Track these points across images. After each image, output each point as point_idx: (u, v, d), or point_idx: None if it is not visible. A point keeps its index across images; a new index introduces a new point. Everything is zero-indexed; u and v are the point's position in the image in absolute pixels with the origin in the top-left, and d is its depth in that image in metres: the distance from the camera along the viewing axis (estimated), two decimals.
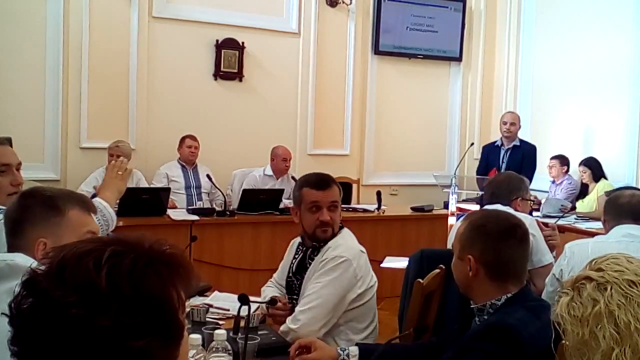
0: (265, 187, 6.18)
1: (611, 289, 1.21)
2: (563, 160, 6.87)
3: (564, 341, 1.28)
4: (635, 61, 6.68)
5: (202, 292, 2.98)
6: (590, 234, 3.76)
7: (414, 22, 7.96)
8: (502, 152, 6.56)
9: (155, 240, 1.07)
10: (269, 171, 6.41)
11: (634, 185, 6.06)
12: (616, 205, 2.86)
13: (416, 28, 7.98)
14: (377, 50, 7.83)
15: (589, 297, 1.22)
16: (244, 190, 5.80)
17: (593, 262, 1.31)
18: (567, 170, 6.87)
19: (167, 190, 5.62)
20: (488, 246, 2.01)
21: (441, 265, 2.67)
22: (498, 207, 3.29)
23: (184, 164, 6.34)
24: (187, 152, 6.32)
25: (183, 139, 6.37)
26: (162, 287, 1.02)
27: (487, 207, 3.40)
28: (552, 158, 6.90)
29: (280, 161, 6.37)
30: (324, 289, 2.52)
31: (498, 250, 2.00)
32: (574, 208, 6.30)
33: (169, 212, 5.44)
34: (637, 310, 1.17)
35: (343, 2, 7.44)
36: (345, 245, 2.64)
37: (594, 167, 6.50)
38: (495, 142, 6.78)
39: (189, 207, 5.84)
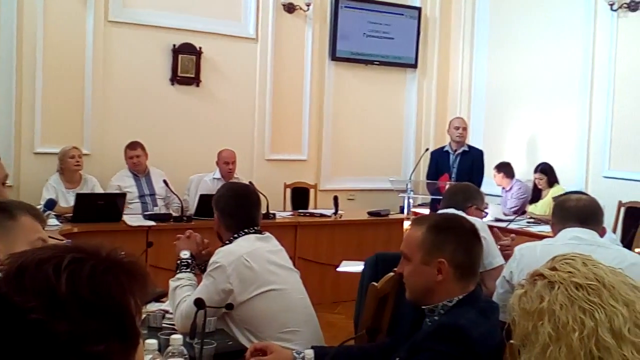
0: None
1: (558, 288, 1.26)
2: (505, 170, 7.02)
3: (512, 341, 1.34)
4: (583, 70, 6.90)
5: (158, 298, 2.99)
6: (540, 237, 3.87)
7: (370, 29, 8.06)
8: (452, 157, 6.63)
9: (113, 249, 1.09)
10: (218, 175, 6.41)
11: (583, 190, 6.24)
12: (563, 209, 2.96)
13: (372, 35, 8.09)
14: (334, 56, 7.90)
15: (538, 293, 1.27)
16: (201, 196, 5.78)
17: (552, 260, 1.35)
18: (513, 176, 7.04)
19: (122, 196, 5.58)
20: (460, 246, 2.04)
21: (395, 269, 2.73)
22: (452, 211, 3.37)
23: (135, 172, 6.21)
24: (130, 163, 6.17)
25: (125, 150, 6.20)
26: (121, 294, 1.05)
27: (441, 211, 3.49)
28: (494, 168, 7.05)
29: (222, 164, 6.36)
30: (197, 292, 2.60)
31: (469, 250, 2.06)
32: (524, 212, 6.47)
33: (125, 218, 5.40)
34: (577, 313, 1.22)
35: (300, 8, 7.49)
36: (226, 251, 2.66)
37: (549, 173, 6.67)
38: (444, 147, 6.85)
39: (145, 213, 5.81)
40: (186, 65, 6.98)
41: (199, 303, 2.31)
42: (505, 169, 7.06)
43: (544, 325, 1.23)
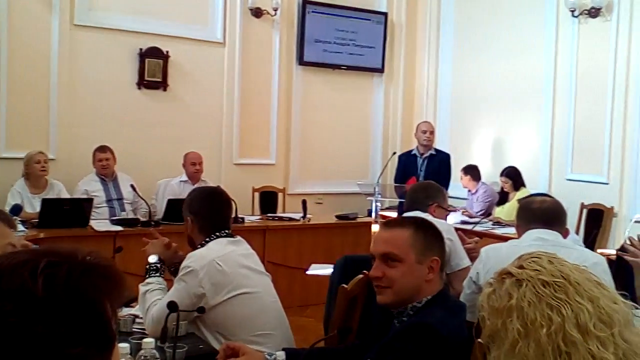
0: None
1: (526, 286, 1.29)
2: (472, 173, 7.13)
3: (479, 340, 1.38)
4: (546, 75, 7.04)
5: (128, 303, 2.98)
6: (506, 239, 3.94)
7: (337, 34, 8.12)
8: (420, 160, 6.71)
9: (88, 252, 1.11)
10: (185, 177, 6.40)
11: (547, 192, 6.36)
12: (527, 211, 3.03)
13: (340, 40, 8.14)
14: (301, 61, 7.94)
15: (506, 291, 1.30)
16: (169, 200, 5.75)
17: (519, 258, 1.38)
18: (479, 179, 7.16)
19: (89, 201, 5.53)
20: (443, 246, 2.16)
21: (364, 271, 2.76)
22: (417, 213, 3.43)
23: (102, 176, 6.16)
24: (99, 166, 6.12)
25: (94, 153, 6.17)
26: (97, 297, 1.06)
27: (407, 213, 3.54)
28: (461, 171, 7.16)
29: (189, 165, 6.37)
30: (168, 296, 2.60)
31: (446, 248, 2.20)
32: (489, 214, 6.57)
33: (92, 223, 5.35)
34: (544, 309, 1.25)
35: (267, 13, 7.51)
36: (198, 255, 2.67)
37: (514, 177, 6.78)
38: (411, 150, 6.93)
39: (112, 218, 5.76)
40: (153, 69, 6.94)
41: (172, 306, 2.31)
42: (472, 171, 7.16)
43: (513, 322, 1.26)
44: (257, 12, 7.48)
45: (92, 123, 6.62)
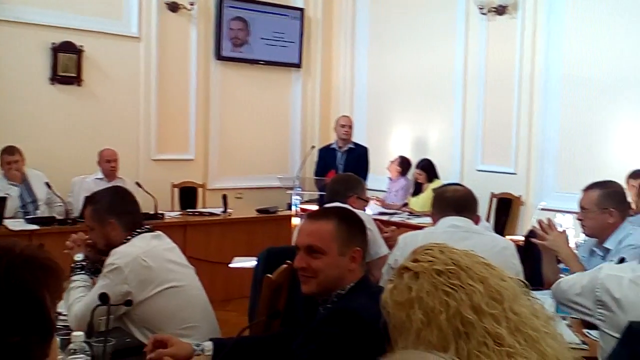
0: None
1: (422, 277, 1.39)
2: (404, 165, 7.35)
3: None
4: (457, 70, 7.31)
5: None
6: (421, 228, 4.12)
7: (255, 29, 8.15)
8: (339, 154, 6.84)
9: (27, 245, 1.14)
10: (100, 175, 6.30)
11: (459, 182, 6.61)
12: (441, 200, 3.19)
13: (257, 35, 8.18)
14: (219, 56, 7.93)
15: (406, 284, 1.40)
16: (86, 197, 5.62)
17: (414, 252, 1.49)
18: (404, 172, 7.38)
19: (2, 200, 5.37)
20: (365, 236, 2.24)
21: (288, 261, 2.83)
22: (337, 204, 3.53)
23: (11, 181, 5.85)
24: (7, 169, 5.83)
25: (1, 155, 5.86)
26: (37, 288, 1.10)
27: (327, 205, 3.64)
28: (399, 157, 7.36)
29: (104, 163, 6.28)
30: (92, 292, 2.61)
31: (367, 237, 2.26)
32: (405, 204, 6.79)
33: (6, 222, 5.21)
34: (441, 296, 1.35)
35: (184, 8, 7.46)
36: (122, 252, 2.67)
37: (428, 170, 7.03)
38: (330, 144, 7.06)
39: (28, 217, 5.60)
40: (66, 64, 6.78)
41: (103, 297, 2.32)
42: (404, 164, 7.31)
43: (415, 312, 1.36)
44: (174, 7, 7.42)
45: (2, 120, 6.40)
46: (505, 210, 6.76)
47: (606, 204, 3.15)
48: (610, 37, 6.07)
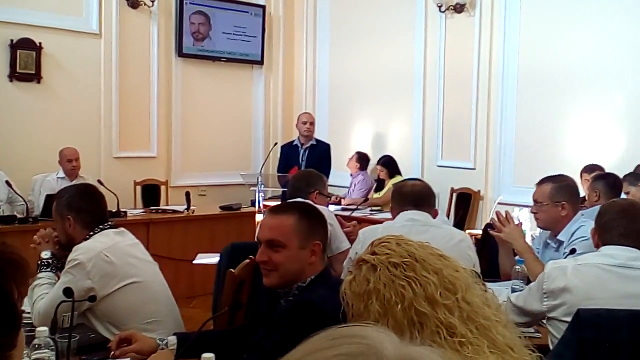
0: None
1: (379, 270, 1.45)
2: (362, 161, 7.44)
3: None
4: (417, 67, 7.43)
5: None
6: (382, 223, 4.20)
7: (216, 26, 8.15)
8: (301, 151, 6.87)
9: None
10: (62, 174, 6.25)
11: (420, 178, 6.73)
12: (400, 194, 3.28)
13: (219, 31, 8.18)
14: (180, 53, 7.91)
15: (364, 276, 1.46)
16: (47, 196, 5.59)
17: (371, 245, 1.55)
18: (366, 167, 7.47)
19: None
20: (326, 229, 2.30)
21: (251, 256, 2.88)
22: (299, 200, 3.59)
23: None
24: None
25: None
26: (4, 281, 1.14)
27: (289, 200, 3.70)
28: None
29: (65, 162, 6.22)
30: (55, 289, 2.63)
31: (328, 231, 2.31)
32: (367, 200, 6.88)
33: None
34: (397, 288, 1.42)
35: (145, 4, 7.42)
36: (84, 247, 2.70)
37: (389, 166, 7.13)
38: (293, 141, 7.09)
39: None
40: (25, 61, 6.70)
41: (68, 291, 2.34)
42: (362, 161, 7.41)
43: (373, 303, 1.42)
44: (134, 3, 7.38)
45: None
46: (465, 204, 6.90)
47: (558, 197, 3.27)
48: (563, 34, 6.24)
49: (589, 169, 5.34)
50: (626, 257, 2.38)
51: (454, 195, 7.01)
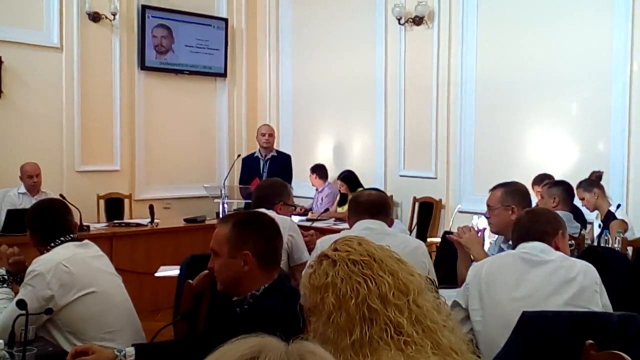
0: (28, 207, 5.95)
1: (339, 265, 1.52)
2: (318, 172, 7.52)
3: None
4: (378, 79, 7.54)
5: None
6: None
7: (179, 39, 8.17)
8: (262, 162, 6.94)
9: None
10: (23, 189, 6.21)
11: (382, 188, 6.82)
12: (356, 204, 3.36)
13: (182, 44, 8.20)
14: (143, 66, 7.91)
15: (324, 270, 1.53)
16: (9, 211, 5.57)
17: (335, 242, 1.62)
18: (326, 178, 7.54)
19: None
20: (261, 239, 2.28)
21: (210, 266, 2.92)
22: (263, 211, 3.64)
23: None
24: None
25: None
26: None
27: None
28: (310, 170, 7.52)
29: (26, 178, 6.19)
30: (13, 302, 2.62)
31: (269, 242, 2.30)
32: (327, 210, 6.95)
33: None
34: (353, 284, 1.49)
35: (106, 18, 7.42)
36: (43, 259, 2.74)
37: (349, 181, 7.19)
38: (254, 153, 7.15)
39: None
40: None
41: (21, 304, 2.36)
42: (318, 170, 7.52)
43: (329, 296, 1.49)
44: (95, 17, 7.37)
45: None
46: (427, 213, 7.00)
47: (508, 201, 3.38)
48: (519, 45, 6.40)
49: (539, 179, 5.48)
50: (532, 247, 2.64)
51: (416, 204, 7.11)
